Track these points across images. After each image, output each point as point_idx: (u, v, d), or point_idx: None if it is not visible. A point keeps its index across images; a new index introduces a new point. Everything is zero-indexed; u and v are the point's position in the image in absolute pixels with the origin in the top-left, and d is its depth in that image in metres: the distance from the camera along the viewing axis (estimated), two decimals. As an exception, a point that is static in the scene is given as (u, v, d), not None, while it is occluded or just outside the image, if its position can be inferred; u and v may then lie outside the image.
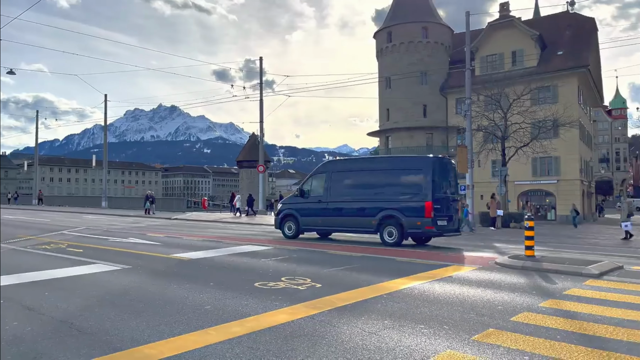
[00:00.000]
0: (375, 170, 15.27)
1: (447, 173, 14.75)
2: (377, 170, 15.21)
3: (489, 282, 8.17)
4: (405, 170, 14.62)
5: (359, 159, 18.56)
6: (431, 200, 13.51)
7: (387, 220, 14.07)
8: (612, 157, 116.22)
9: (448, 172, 14.81)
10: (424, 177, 13.83)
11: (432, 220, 13.54)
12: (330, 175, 15.64)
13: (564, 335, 4.94)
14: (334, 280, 8.05)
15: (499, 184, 28.05)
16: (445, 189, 14.41)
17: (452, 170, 15.29)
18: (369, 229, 14.58)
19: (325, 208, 15.37)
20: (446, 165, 14.91)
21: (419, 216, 13.59)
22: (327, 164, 17.52)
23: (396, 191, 14.18)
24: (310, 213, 15.69)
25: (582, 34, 43.84)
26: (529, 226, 10.44)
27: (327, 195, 15.44)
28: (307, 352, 4.34)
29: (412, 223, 13.66)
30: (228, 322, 5.34)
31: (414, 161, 15.35)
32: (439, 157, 15.13)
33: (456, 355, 4.30)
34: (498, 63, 44.15)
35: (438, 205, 13.74)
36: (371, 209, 14.40)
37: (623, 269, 9.81)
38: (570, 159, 40.55)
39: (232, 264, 10.11)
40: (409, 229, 13.79)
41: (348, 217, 15.00)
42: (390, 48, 49.01)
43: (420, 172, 14.05)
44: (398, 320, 5.49)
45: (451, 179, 14.93)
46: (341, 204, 15.14)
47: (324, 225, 15.71)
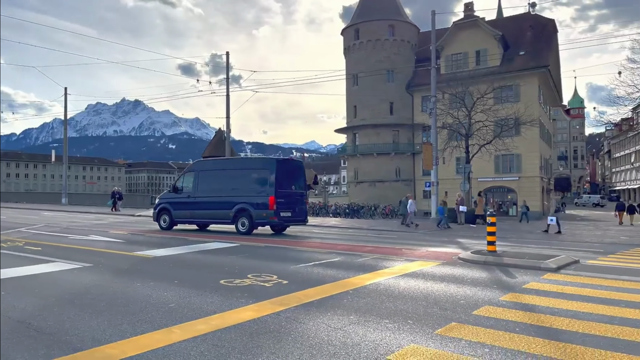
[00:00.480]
0: (233, 169, 17.75)
1: (294, 173, 17.33)
2: (235, 169, 17.71)
3: (452, 277, 8.35)
4: (255, 170, 17.15)
5: (222, 159, 20.44)
6: (274, 195, 15.91)
7: (240, 213, 16.37)
8: (570, 155, 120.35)
9: (294, 172, 17.39)
10: (269, 176, 16.24)
11: (275, 212, 15.99)
12: (198, 174, 17.87)
13: (522, 327, 5.10)
14: (300, 277, 8.06)
15: (463, 181, 28.65)
16: (291, 186, 16.93)
17: (300, 171, 17.78)
18: (227, 220, 16.79)
19: (194, 202, 17.45)
20: (292, 166, 17.59)
21: (265, 209, 15.96)
22: (196, 164, 19.59)
23: (248, 188, 16.57)
24: (181, 207, 17.77)
25: (543, 35, 45.13)
26: (491, 222, 10.71)
27: (195, 191, 17.56)
28: (272, 348, 4.34)
29: (260, 215, 16.06)
30: (193, 320, 5.28)
31: (262, 162, 18.00)
32: (283, 159, 17.89)
33: (419, 349, 4.37)
34: (463, 62, 44.99)
35: (282, 199, 16.13)
36: (229, 203, 16.55)
37: (579, 263, 10.18)
38: (531, 157, 41.75)
39: (197, 261, 10.00)
40: (257, 220, 16.18)
41: (211, 210, 17.11)
42: (358, 45, 49.28)
43: (266, 172, 16.48)
44: (363, 315, 5.55)
45: (298, 178, 17.45)
46: (206, 199, 17.18)
47: (192, 218, 17.84)
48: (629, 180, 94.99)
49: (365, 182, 48.89)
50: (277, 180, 16.11)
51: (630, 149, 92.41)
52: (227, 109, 35.96)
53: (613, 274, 8.79)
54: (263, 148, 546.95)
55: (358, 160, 50.01)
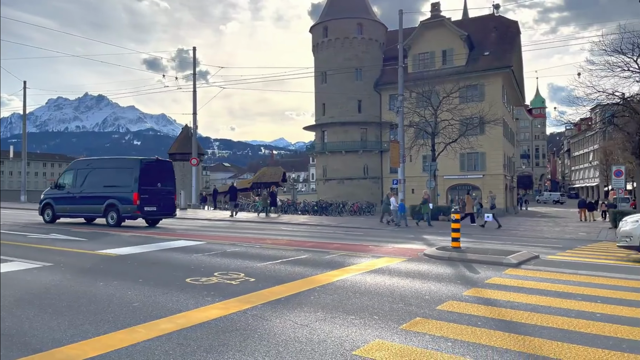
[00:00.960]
0: (105, 168, 19.20)
1: (161, 172, 18.95)
2: (107, 168, 19.17)
3: (417, 272, 8.49)
4: (124, 168, 18.50)
5: (97, 159, 21.65)
6: (137, 191, 17.57)
7: (110, 207, 17.97)
8: (532, 154, 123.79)
9: (162, 171, 19.02)
10: (133, 174, 17.80)
11: (139, 207, 17.66)
12: (77, 172, 19.31)
13: (484, 321, 5.24)
14: (267, 274, 8.05)
15: (429, 179, 29.11)
16: (157, 184, 18.44)
17: (168, 170, 19.48)
18: (99, 214, 18.33)
19: (72, 197, 18.84)
20: (159, 165, 19.12)
21: (130, 204, 17.62)
22: (76, 163, 20.71)
23: (117, 185, 18.11)
24: (61, 202, 19.16)
25: (507, 36, 46.27)
26: (455, 219, 10.94)
27: (73, 187, 19.02)
28: (238, 346, 4.33)
29: (125, 209, 17.72)
30: (158, 319, 5.21)
31: (129, 162, 19.12)
32: (148, 159, 19.23)
33: (385, 344, 4.44)
34: (429, 61, 45.69)
35: (145, 195, 17.77)
36: (100, 198, 18.12)
37: (539, 258, 10.52)
38: (495, 155, 42.79)
39: (162, 259, 9.85)
40: (124, 214, 17.83)
41: (86, 205, 18.61)
42: (326, 43, 49.39)
43: (132, 171, 17.95)
44: (330, 312, 5.59)
45: (166, 176, 19.10)
46: (82, 195, 18.62)
47: (72, 212, 19.22)
48: (587, 178, 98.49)
49: (334, 179, 49.12)
50: (142, 178, 17.78)
51: (589, 148, 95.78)
52: (194, 105, 35.49)
53: (570, 269, 9.11)
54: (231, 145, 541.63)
55: (327, 158, 50.18)
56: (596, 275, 8.35)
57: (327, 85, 49.27)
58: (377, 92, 48.78)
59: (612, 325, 5.08)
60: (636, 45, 24.94)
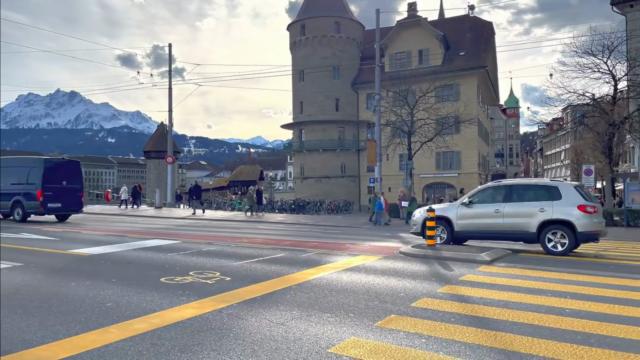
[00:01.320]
0: (14, 167, 20.37)
1: (67, 171, 20.25)
2: (15, 167, 20.37)
3: (393, 270, 8.57)
4: (30, 167, 19.75)
5: (11, 158, 22.75)
6: (41, 189, 18.83)
7: (16, 204, 19.29)
8: (506, 153, 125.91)
9: (68, 170, 20.33)
10: (38, 173, 19.14)
11: (42, 203, 18.89)
12: None
13: (457, 318, 5.33)
14: (243, 273, 8.02)
15: (405, 177, 29.36)
16: (62, 182, 19.51)
17: (74, 169, 20.83)
18: (7, 209, 19.51)
19: None
20: (65, 165, 20.64)
21: (34, 200, 18.90)
22: None
23: (23, 182, 19.33)
24: None
25: (482, 36, 46.96)
26: (431, 217, 11.07)
27: None
28: (213, 345, 4.31)
29: (30, 205, 19.03)
30: (131, 319, 5.15)
31: (34, 161, 20.55)
32: (54, 159, 21.38)
33: (360, 341, 4.48)
34: (406, 61, 46.06)
35: (49, 192, 18.97)
36: (9, 195, 19.35)
37: (512, 255, 10.73)
38: (470, 154, 43.41)
39: (136, 259, 9.72)
40: (28, 210, 19.14)
41: None
42: (304, 41, 49.34)
43: (37, 170, 19.25)
44: (306, 310, 5.61)
45: (73, 175, 20.42)
46: None
47: None
48: (559, 176, 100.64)
49: (312, 178, 49.14)
50: (46, 177, 19.00)
51: (560, 147, 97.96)
52: (169, 102, 35.07)
53: (542, 265, 9.32)
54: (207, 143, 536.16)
55: (304, 156, 50.18)
56: (566, 272, 8.55)
57: (305, 83, 49.23)
58: (354, 91, 48.96)
59: (580, 321, 5.22)
60: (606, 47, 25.63)
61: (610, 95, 26.46)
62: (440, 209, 12.98)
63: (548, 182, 12.36)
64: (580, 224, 10.92)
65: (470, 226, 12.31)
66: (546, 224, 11.26)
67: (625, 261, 10.35)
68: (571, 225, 11.00)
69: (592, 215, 11.09)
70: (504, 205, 11.86)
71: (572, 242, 11.03)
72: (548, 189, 11.75)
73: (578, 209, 11.04)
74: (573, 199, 11.28)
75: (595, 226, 11.17)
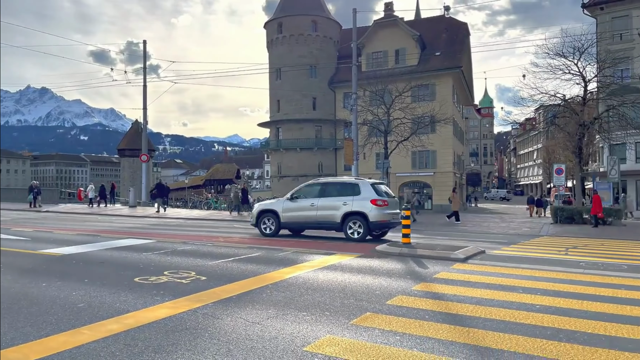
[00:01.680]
0: None
1: None
2: None
3: (369, 268, 8.63)
4: None
5: None
6: None
7: None
8: (481, 152, 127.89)
9: None
10: None
11: None
12: None
13: (431, 315, 5.40)
14: (219, 273, 7.98)
15: (382, 176, 29.53)
16: None
17: None
18: None
19: None
20: None
21: None
22: None
23: None
24: None
25: (457, 37, 47.54)
26: (405, 215, 11.18)
27: None
28: (188, 345, 4.28)
29: None
30: (104, 319, 5.07)
31: None
32: None
33: (335, 339, 4.51)
34: (383, 60, 46.33)
35: None
36: None
37: (485, 253, 10.92)
38: (445, 153, 43.93)
39: (110, 258, 9.57)
40: None
41: None
42: (281, 39, 49.18)
43: None
44: (282, 309, 5.61)
45: None
46: None
47: None
48: (531, 175, 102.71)
49: (289, 176, 49.03)
50: None
51: (533, 147, 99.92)
52: (144, 99, 34.56)
53: (514, 263, 9.51)
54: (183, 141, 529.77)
55: (281, 155, 50.06)
56: (536, 269, 8.75)
57: (282, 82, 49.10)
58: (331, 90, 49.04)
59: (550, 316, 5.35)
60: (577, 49, 26.22)
61: (580, 96, 27.10)
62: (269, 203, 15.08)
63: (352, 180, 14.32)
64: (372, 214, 13.02)
65: (293, 218, 14.07)
66: (348, 215, 13.28)
67: (594, 258, 10.63)
68: (365, 216, 13.05)
69: (382, 207, 13.19)
70: (318, 200, 13.78)
71: (366, 230, 13.15)
72: (351, 186, 13.75)
73: (371, 202, 13.12)
74: (368, 194, 13.30)
75: (385, 217, 13.28)
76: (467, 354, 4.13)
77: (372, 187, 13.53)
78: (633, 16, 35.28)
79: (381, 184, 14.66)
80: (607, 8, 36.22)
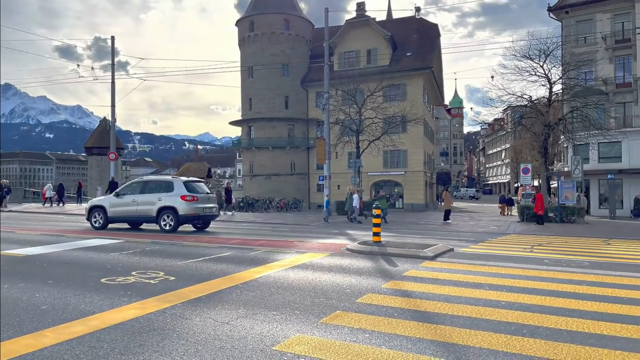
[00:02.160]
0: None
1: None
2: None
3: (339, 267, 8.68)
4: None
5: None
6: None
7: None
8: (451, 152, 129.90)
9: None
10: None
11: None
12: None
13: (400, 312, 5.47)
14: (188, 273, 7.89)
15: (354, 175, 29.70)
16: None
17: None
18: None
19: None
20: None
21: None
22: None
23: None
24: None
25: (428, 38, 48.12)
26: (376, 214, 11.28)
27: None
28: (156, 346, 4.22)
29: None
30: (68, 321, 4.96)
31: None
32: None
33: (305, 338, 4.52)
34: (355, 60, 46.54)
35: None
36: None
37: (454, 251, 11.11)
38: (416, 153, 44.43)
39: (75, 259, 9.35)
40: None
41: None
42: (253, 37, 48.86)
43: None
44: (252, 308, 5.59)
45: None
46: None
47: None
48: (500, 175, 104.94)
49: (261, 175, 48.80)
50: None
51: (501, 147, 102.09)
52: (112, 96, 33.82)
53: (481, 260, 9.71)
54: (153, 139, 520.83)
55: (253, 154, 49.76)
56: (503, 266, 8.96)
57: (254, 80, 48.78)
58: (304, 89, 49.00)
59: (514, 312, 5.49)
60: (542, 52, 26.88)
61: (546, 98, 27.80)
62: (98, 200, 16.62)
63: (167, 179, 16.10)
64: (181, 208, 14.82)
65: (118, 212, 15.53)
66: (162, 209, 14.96)
67: (558, 255, 10.94)
68: (175, 210, 14.83)
69: (192, 202, 14.99)
70: (139, 197, 15.42)
71: (176, 222, 14.90)
72: (167, 184, 15.50)
73: (181, 198, 14.90)
74: (179, 191, 15.05)
75: (194, 210, 15.04)
76: (435, 350, 4.20)
77: (185, 185, 15.29)
78: (597, 20, 36.37)
79: (198, 182, 16.49)
80: (572, 12, 37.23)
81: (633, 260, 10.40)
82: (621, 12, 35.81)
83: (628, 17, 35.52)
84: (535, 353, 4.15)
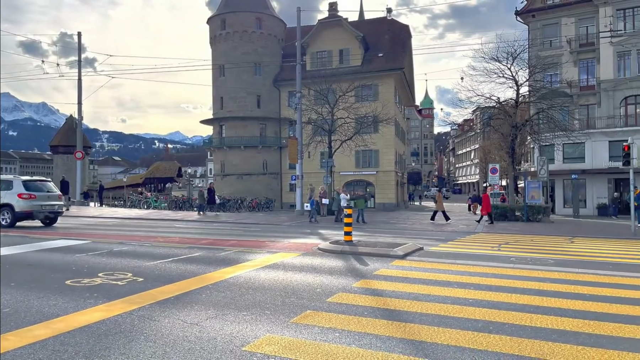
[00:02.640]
0: None
1: None
2: None
3: (310, 266, 8.69)
4: None
5: None
6: None
7: None
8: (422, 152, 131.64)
9: None
10: None
11: None
12: None
13: (370, 311, 5.52)
14: (157, 274, 7.77)
15: (326, 175, 29.79)
16: None
17: None
18: None
19: None
20: None
21: None
22: None
23: None
24: None
25: (399, 39, 48.58)
26: (347, 214, 11.33)
27: None
28: (122, 349, 4.15)
29: None
30: (31, 325, 4.83)
31: None
32: None
33: (274, 338, 4.51)
34: (327, 60, 46.64)
35: None
36: None
37: (423, 250, 11.26)
38: (387, 153, 44.81)
39: (39, 260, 9.10)
40: None
41: None
42: (225, 36, 48.42)
43: None
44: (222, 309, 5.55)
45: None
46: None
47: None
48: (469, 174, 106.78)
49: (232, 175, 48.40)
50: None
51: (470, 147, 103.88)
52: (79, 94, 33.05)
53: (450, 259, 9.87)
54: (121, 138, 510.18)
55: (225, 153, 49.32)
56: (471, 265, 9.12)
57: (226, 78, 48.34)
58: (276, 88, 48.83)
59: (481, 310, 5.60)
60: (510, 54, 27.50)
61: (513, 99, 28.45)
62: None
63: (9, 178, 17.11)
64: (17, 205, 16.10)
65: None
66: (1, 206, 16.13)
67: (524, 253, 11.21)
68: (12, 207, 16.09)
69: (28, 200, 16.25)
70: None
71: (13, 218, 16.14)
72: (7, 182, 16.64)
73: (18, 196, 16.15)
74: (17, 189, 16.33)
75: (30, 208, 16.28)
76: (403, 348, 4.25)
77: (23, 184, 16.58)
78: (562, 24, 37.39)
79: (44, 181, 17.84)
80: (538, 16, 38.18)
81: (596, 258, 10.74)
82: (586, 16, 36.91)
83: (592, 22, 36.63)
84: (501, 349, 4.24)
